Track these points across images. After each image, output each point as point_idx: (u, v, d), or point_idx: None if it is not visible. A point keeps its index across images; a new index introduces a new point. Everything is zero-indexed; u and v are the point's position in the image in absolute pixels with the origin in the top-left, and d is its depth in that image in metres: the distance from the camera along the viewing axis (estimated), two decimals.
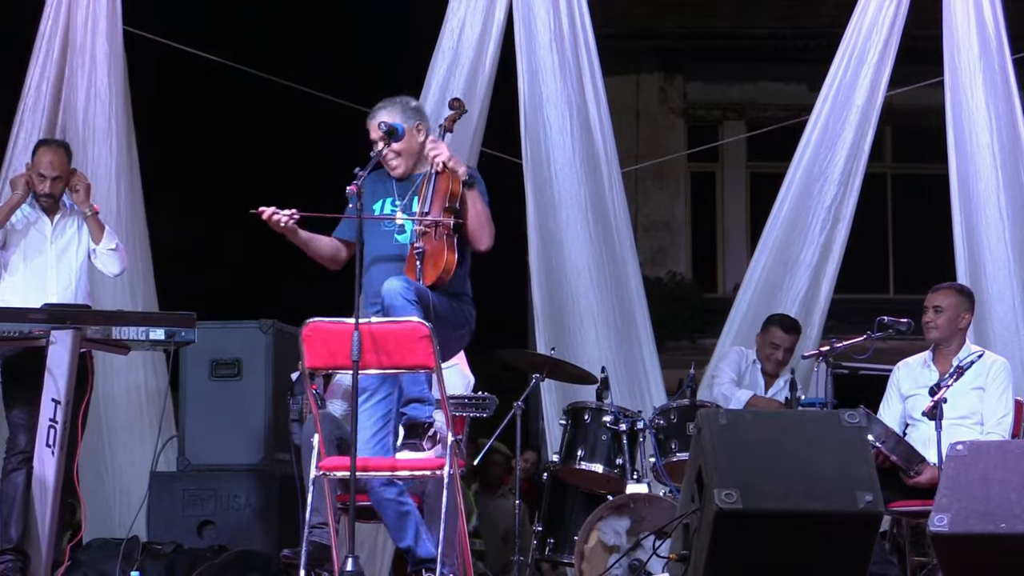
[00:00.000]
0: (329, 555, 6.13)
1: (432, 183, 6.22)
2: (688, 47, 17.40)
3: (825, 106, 9.07)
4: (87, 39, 8.91)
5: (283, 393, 7.35)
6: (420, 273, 6.12)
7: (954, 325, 7.37)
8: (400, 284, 5.98)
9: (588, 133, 9.07)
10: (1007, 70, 8.81)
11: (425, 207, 6.19)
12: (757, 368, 8.47)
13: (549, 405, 8.79)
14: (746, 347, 8.62)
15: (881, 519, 5.81)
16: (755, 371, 8.46)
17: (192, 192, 14.97)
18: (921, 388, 7.21)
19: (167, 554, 7.30)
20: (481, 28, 9.04)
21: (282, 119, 13.87)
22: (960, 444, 5.67)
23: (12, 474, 6.90)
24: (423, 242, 6.16)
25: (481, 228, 6.24)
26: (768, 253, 9.09)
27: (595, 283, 8.98)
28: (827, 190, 9.03)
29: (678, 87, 17.57)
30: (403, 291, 5.95)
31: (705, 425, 5.63)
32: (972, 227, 8.78)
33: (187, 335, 6.87)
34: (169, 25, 9.80)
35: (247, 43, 11.82)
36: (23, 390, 6.94)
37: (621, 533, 7.20)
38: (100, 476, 8.58)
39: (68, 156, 7.34)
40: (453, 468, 5.72)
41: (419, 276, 6.11)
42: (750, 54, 17.15)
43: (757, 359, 8.48)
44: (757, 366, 8.47)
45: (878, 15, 8.97)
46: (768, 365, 8.46)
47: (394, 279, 6.01)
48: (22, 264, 7.22)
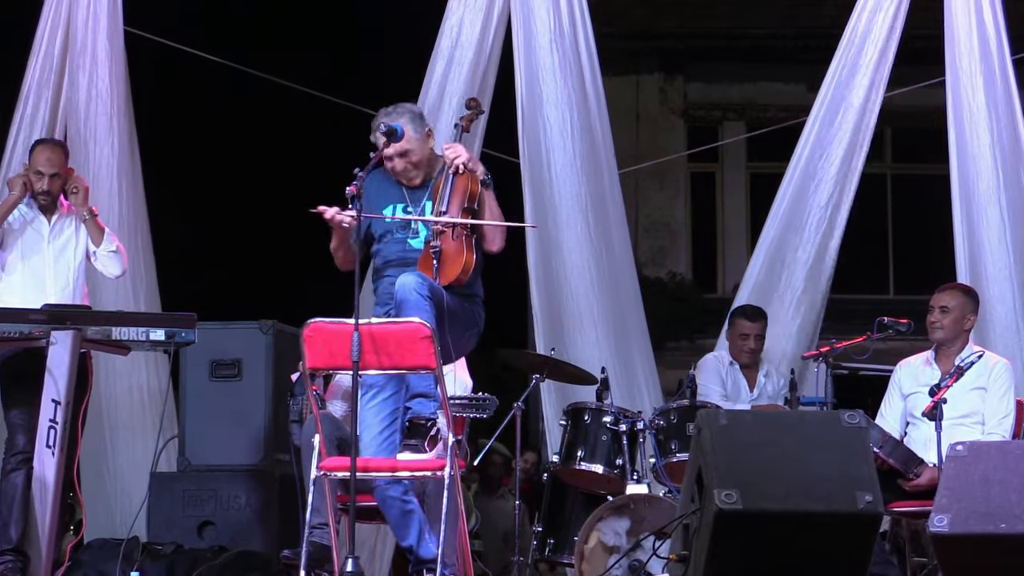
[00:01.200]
0: (329, 555, 6.13)
1: (450, 183, 6.18)
2: (688, 47, 17.41)
3: (822, 106, 9.07)
4: (88, 39, 8.91)
5: (283, 394, 7.35)
6: (436, 272, 6.08)
7: (959, 326, 7.37)
8: (414, 280, 5.93)
9: (587, 134, 9.07)
10: (1007, 70, 8.81)
11: (443, 206, 6.14)
12: (736, 369, 8.41)
13: (548, 406, 8.79)
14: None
15: (881, 519, 5.81)
16: (735, 373, 8.40)
17: (192, 192, 14.97)
18: (922, 386, 7.21)
19: (167, 554, 7.30)
20: (481, 27, 9.04)
21: (282, 119, 13.87)
22: (960, 444, 5.67)
23: (11, 474, 6.89)
24: (440, 241, 6.12)
25: (495, 229, 6.22)
26: (766, 252, 9.09)
27: (595, 284, 8.98)
28: (823, 189, 9.03)
29: (678, 88, 17.58)
30: (417, 287, 5.90)
31: (705, 426, 5.63)
32: (973, 227, 8.78)
33: (187, 335, 6.86)
34: (169, 25, 9.80)
35: (247, 43, 11.83)
36: (22, 390, 6.93)
37: (621, 534, 7.19)
38: (101, 476, 8.59)
39: (65, 154, 7.33)
40: (453, 469, 5.72)
41: (435, 275, 6.07)
42: (750, 54, 17.16)
43: (732, 359, 8.44)
44: (735, 367, 8.41)
45: (875, 15, 8.97)
46: (743, 357, 8.41)
47: (409, 275, 5.97)
48: (20, 264, 7.21)
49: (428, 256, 6.13)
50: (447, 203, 6.15)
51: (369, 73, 13.33)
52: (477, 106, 6.57)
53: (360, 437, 6.02)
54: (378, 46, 14.85)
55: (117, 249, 7.32)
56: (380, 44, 14.85)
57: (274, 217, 15.63)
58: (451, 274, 6.09)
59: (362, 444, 6.02)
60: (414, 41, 9.46)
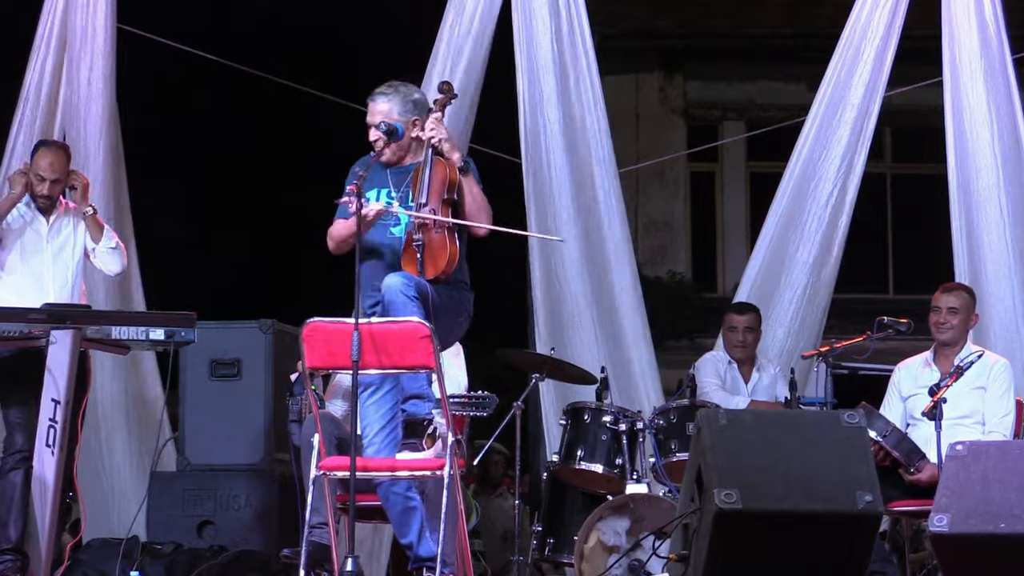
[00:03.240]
0: (329, 555, 6.13)
1: (428, 170, 6.17)
2: (688, 47, 17.40)
3: (822, 104, 9.07)
4: (87, 40, 8.90)
5: (283, 393, 7.35)
6: (421, 266, 6.07)
7: (965, 326, 7.40)
8: (400, 281, 5.93)
9: (587, 133, 9.07)
10: (1007, 68, 8.80)
11: (422, 197, 6.12)
12: (734, 367, 8.38)
13: (548, 405, 8.79)
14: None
15: (881, 519, 5.81)
16: (732, 371, 8.37)
17: (193, 192, 14.98)
18: (921, 388, 7.21)
19: (167, 554, 7.30)
20: (480, 25, 9.03)
21: (282, 118, 13.88)
22: (960, 444, 5.66)
23: (10, 473, 6.90)
24: (422, 234, 6.10)
25: (479, 213, 6.19)
26: (765, 252, 9.09)
27: (595, 283, 8.98)
28: (822, 188, 9.02)
29: (678, 87, 17.57)
30: (403, 287, 5.90)
31: (705, 425, 5.63)
32: (973, 226, 8.77)
33: (187, 335, 6.86)
34: (168, 23, 9.80)
35: (246, 40, 11.82)
36: (20, 390, 6.93)
37: (621, 533, 7.19)
38: (100, 476, 8.58)
39: (67, 158, 7.33)
40: (453, 468, 5.72)
41: (420, 269, 6.06)
42: (750, 54, 17.16)
43: (729, 357, 8.44)
44: (733, 365, 8.40)
45: (873, 13, 8.97)
46: (737, 352, 8.38)
47: (394, 275, 5.96)
48: (19, 264, 7.20)
49: (412, 250, 6.09)
50: (427, 192, 6.13)
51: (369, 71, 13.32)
52: (450, 89, 6.51)
53: (363, 434, 6.02)
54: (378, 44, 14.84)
55: (116, 245, 7.32)
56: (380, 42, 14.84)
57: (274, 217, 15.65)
58: (437, 267, 6.07)
59: (365, 441, 6.03)
60: (414, 38, 9.46)
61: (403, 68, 9.24)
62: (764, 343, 8.61)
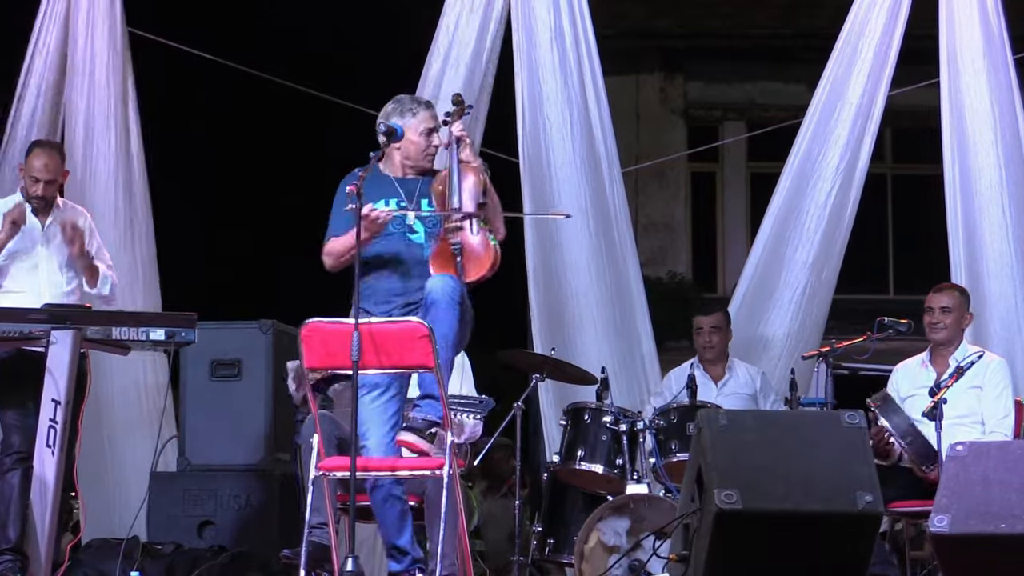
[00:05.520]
0: (329, 555, 6.12)
1: (457, 175, 6.15)
2: (688, 47, 17.41)
3: (820, 103, 9.06)
4: (87, 40, 8.91)
5: (283, 393, 7.35)
6: (461, 269, 6.05)
7: (959, 325, 7.40)
8: (449, 283, 5.91)
9: (588, 132, 9.06)
10: (1009, 68, 8.80)
11: (455, 201, 6.13)
12: (701, 369, 8.31)
13: (548, 405, 8.79)
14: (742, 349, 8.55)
15: (881, 519, 5.81)
16: (699, 372, 8.25)
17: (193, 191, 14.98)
18: (919, 389, 7.21)
19: (167, 554, 7.31)
20: (479, 26, 9.03)
21: (283, 119, 13.88)
22: (960, 444, 5.66)
23: (8, 474, 6.89)
24: (460, 238, 6.08)
25: (500, 218, 6.23)
26: (763, 251, 9.07)
27: (594, 283, 8.96)
28: (821, 187, 8.99)
29: (678, 87, 17.58)
30: (452, 292, 5.89)
31: (705, 425, 5.63)
32: (973, 226, 8.75)
33: (187, 335, 6.86)
34: (174, 25, 9.80)
35: (250, 42, 11.83)
36: (17, 391, 6.93)
37: (621, 533, 7.19)
38: (100, 476, 8.58)
39: (62, 158, 7.30)
40: (453, 468, 5.72)
41: (460, 272, 6.04)
42: (750, 54, 17.16)
43: (697, 360, 8.38)
44: (699, 367, 8.29)
45: (871, 12, 8.96)
46: (706, 353, 8.32)
47: (446, 278, 5.93)
48: (14, 267, 7.18)
49: (450, 254, 6.08)
50: (459, 198, 6.13)
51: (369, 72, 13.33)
52: (462, 102, 6.52)
53: (366, 437, 6.00)
54: (378, 45, 14.85)
55: (110, 293, 7.24)
56: (381, 43, 14.86)
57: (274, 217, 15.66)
58: (481, 270, 6.08)
59: (369, 444, 6.00)
60: (414, 39, 9.46)
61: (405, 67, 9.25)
62: (764, 343, 8.60)
